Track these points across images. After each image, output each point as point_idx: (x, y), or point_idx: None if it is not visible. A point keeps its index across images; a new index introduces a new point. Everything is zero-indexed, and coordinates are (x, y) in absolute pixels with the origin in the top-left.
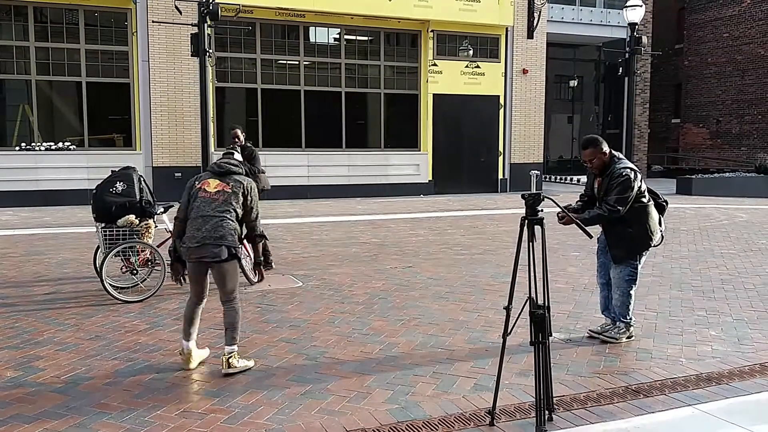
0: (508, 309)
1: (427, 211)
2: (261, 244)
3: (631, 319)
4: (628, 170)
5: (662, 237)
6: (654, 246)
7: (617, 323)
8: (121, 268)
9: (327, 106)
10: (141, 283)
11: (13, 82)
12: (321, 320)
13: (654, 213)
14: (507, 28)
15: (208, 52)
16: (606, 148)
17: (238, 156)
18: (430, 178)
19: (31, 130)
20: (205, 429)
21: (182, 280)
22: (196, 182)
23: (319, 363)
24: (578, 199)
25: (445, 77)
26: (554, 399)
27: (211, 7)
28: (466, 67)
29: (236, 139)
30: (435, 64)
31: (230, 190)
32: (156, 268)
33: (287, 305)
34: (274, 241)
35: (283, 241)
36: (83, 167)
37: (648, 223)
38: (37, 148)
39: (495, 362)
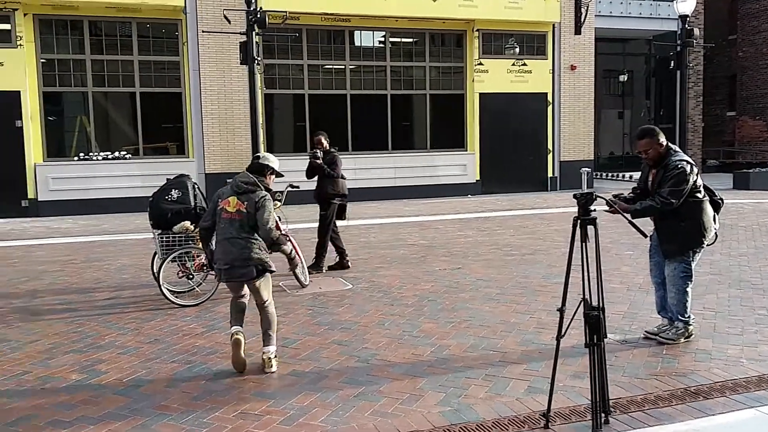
0: (561, 311)
1: (475, 212)
2: (289, 249)
3: (689, 317)
4: (684, 163)
5: (716, 235)
6: (708, 245)
7: (675, 323)
8: (178, 273)
9: (373, 109)
10: (197, 287)
11: (71, 95)
12: (371, 322)
13: (708, 209)
14: (554, 25)
15: (257, 59)
16: (662, 140)
17: (270, 159)
18: (478, 178)
19: (89, 141)
20: (261, 430)
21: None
22: (219, 199)
23: (370, 365)
24: (630, 190)
25: (492, 76)
26: (610, 401)
27: (258, 16)
28: (513, 65)
29: (319, 145)
30: (481, 63)
31: (245, 210)
32: (211, 272)
33: (338, 308)
34: None
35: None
36: (138, 175)
37: (702, 219)
38: (94, 158)
39: (548, 364)
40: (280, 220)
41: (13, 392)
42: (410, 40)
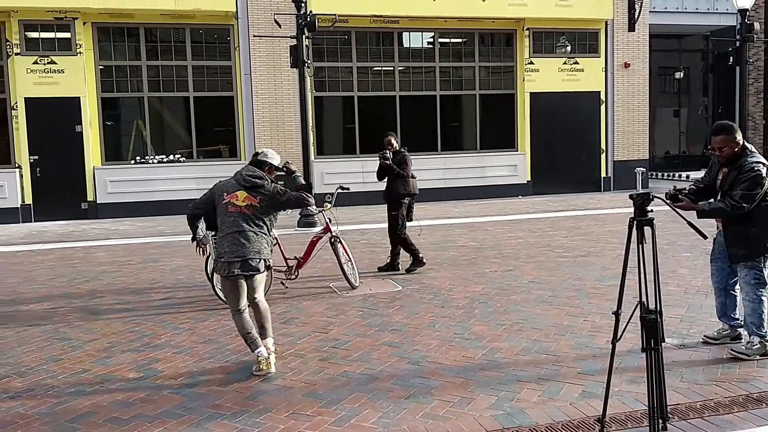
0: (617, 314)
1: (526, 213)
2: (313, 201)
3: (767, 333)
4: (761, 165)
5: None
6: None
7: (752, 337)
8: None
9: (422, 110)
10: None
11: (128, 100)
12: (422, 324)
13: None
14: (606, 22)
15: (307, 62)
16: (739, 138)
17: (271, 156)
18: (529, 179)
19: (145, 144)
20: (313, 431)
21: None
22: (224, 193)
23: (421, 367)
24: (693, 184)
25: (542, 75)
26: (668, 407)
27: (308, 19)
28: (564, 63)
29: (389, 146)
30: (531, 63)
31: (258, 204)
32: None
33: (388, 309)
34: (374, 245)
35: (381, 245)
36: (192, 178)
37: None
38: (150, 161)
39: (603, 368)
40: (330, 222)
41: (74, 390)
42: (459, 40)
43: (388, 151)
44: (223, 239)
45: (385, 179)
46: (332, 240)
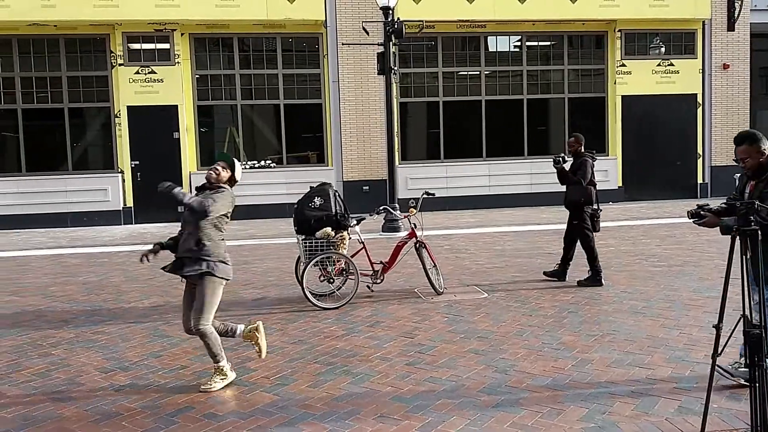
0: (718, 327)
1: (618, 220)
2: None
3: None
4: None
5: None
6: None
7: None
8: (319, 277)
9: (508, 114)
10: (337, 291)
11: (222, 107)
12: (509, 332)
13: None
14: (704, 22)
15: (393, 69)
16: (765, 147)
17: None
18: (620, 185)
19: (238, 151)
20: None
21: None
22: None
23: (509, 376)
24: (725, 201)
25: (635, 77)
26: None
27: (396, 26)
28: (658, 65)
29: (570, 148)
30: (623, 65)
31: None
32: (350, 277)
33: (474, 316)
34: (458, 251)
35: (466, 251)
36: (282, 183)
37: None
38: (242, 167)
39: (701, 384)
40: (415, 227)
41: (173, 385)
42: (547, 43)
43: (564, 154)
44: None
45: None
46: (417, 245)
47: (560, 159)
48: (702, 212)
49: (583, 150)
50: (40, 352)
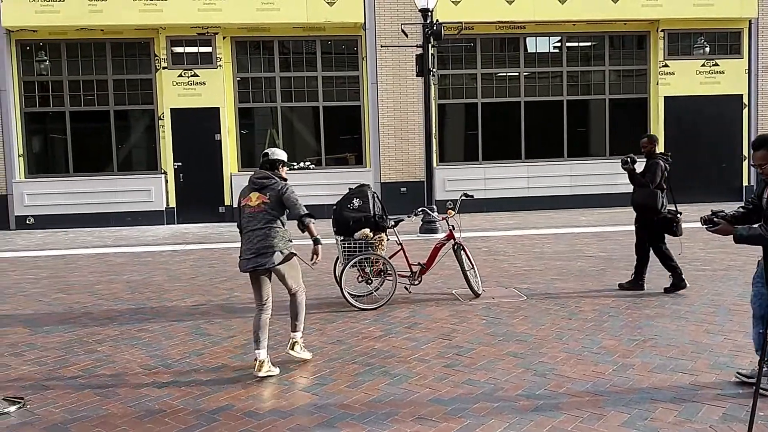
0: (765, 334)
1: None
2: (311, 224)
3: None
4: None
5: None
6: None
7: None
8: (357, 278)
9: (547, 115)
10: (375, 292)
11: (262, 110)
12: (548, 336)
13: None
14: (750, 21)
15: (432, 71)
16: None
17: (278, 153)
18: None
19: None
20: None
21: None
22: (242, 198)
23: (548, 380)
24: (742, 205)
25: (678, 78)
26: None
27: (435, 28)
28: (702, 66)
29: (643, 149)
30: (666, 65)
31: (268, 200)
32: (388, 278)
33: (512, 319)
34: (496, 253)
35: (504, 253)
36: (321, 184)
37: None
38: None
39: (746, 391)
40: (453, 228)
41: (214, 383)
42: (588, 43)
43: (633, 155)
44: (242, 238)
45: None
46: (455, 247)
47: (629, 160)
48: (716, 218)
49: (656, 151)
50: (86, 348)
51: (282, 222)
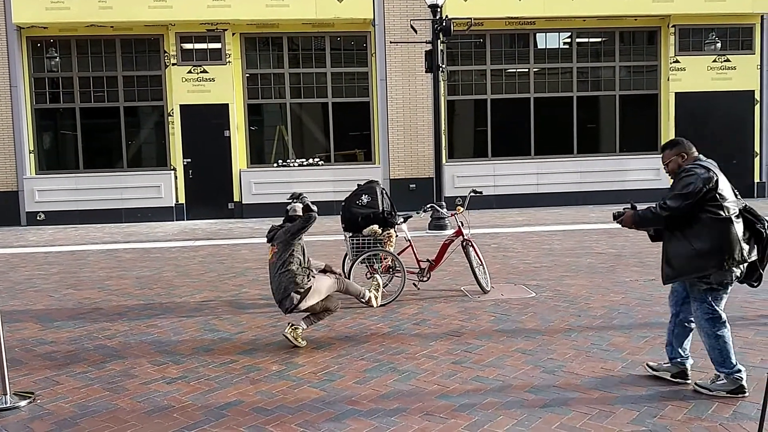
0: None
1: None
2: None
3: (734, 369)
4: (698, 167)
5: (760, 274)
6: (738, 279)
7: (718, 374)
8: (366, 274)
9: (557, 112)
10: (383, 288)
11: (271, 106)
12: (557, 332)
13: (735, 234)
14: (762, 16)
15: (441, 67)
16: (690, 151)
17: (298, 210)
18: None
19: (286, 149)
20: None
21: None
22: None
23: (557, 377)
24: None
25: (689, 74)
26: None
27: (444, 24)
28: (714, 61)
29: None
30: (677, 61)
31: (277, 249)
32: (396, 274)
33: (521, 315)
34: (505, 249)
35: (513, 250)
36: (329, 181)
37: (722, 244)
38: (291, 165)
39: (758, 388)
40: (462, 225)
41: (223, 379)
42: (598, 39)
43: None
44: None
45: None
46: (464, 243)
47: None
48: (623, 210)
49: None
50: (96, 344)
51: (292, 260)
